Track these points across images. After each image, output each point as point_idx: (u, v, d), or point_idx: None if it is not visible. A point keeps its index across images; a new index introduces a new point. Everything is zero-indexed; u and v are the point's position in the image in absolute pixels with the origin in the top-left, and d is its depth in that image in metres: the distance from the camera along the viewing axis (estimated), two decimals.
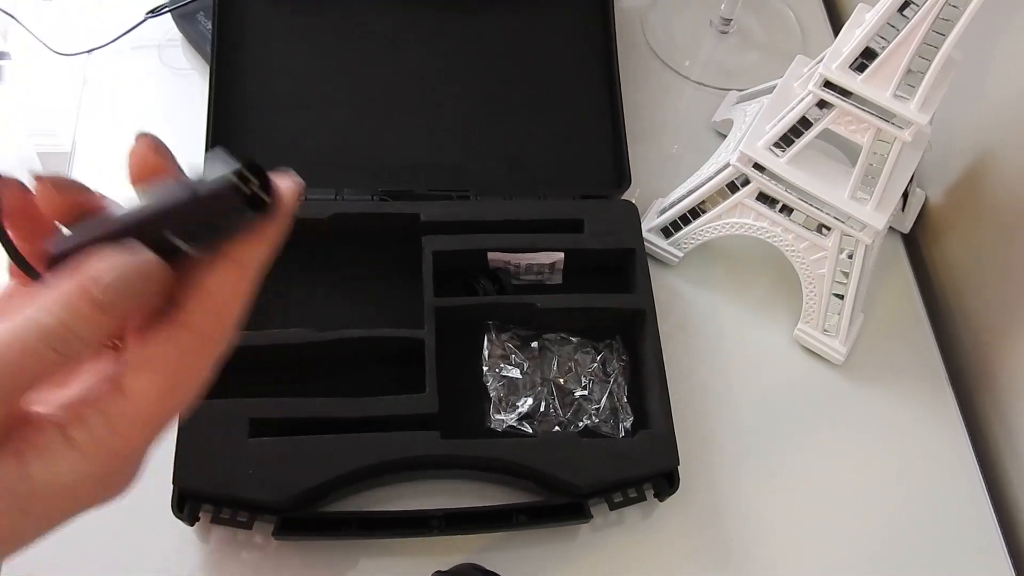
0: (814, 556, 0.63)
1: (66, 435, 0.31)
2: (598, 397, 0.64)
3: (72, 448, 0.31)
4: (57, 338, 0.30)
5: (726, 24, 0.86)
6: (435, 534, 0.57)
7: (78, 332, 0.31)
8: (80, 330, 0.31)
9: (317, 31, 0.75)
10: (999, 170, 0.71)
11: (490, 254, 0.66)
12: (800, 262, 0.67)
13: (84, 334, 0.31)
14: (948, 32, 0.54)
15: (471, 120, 0.73)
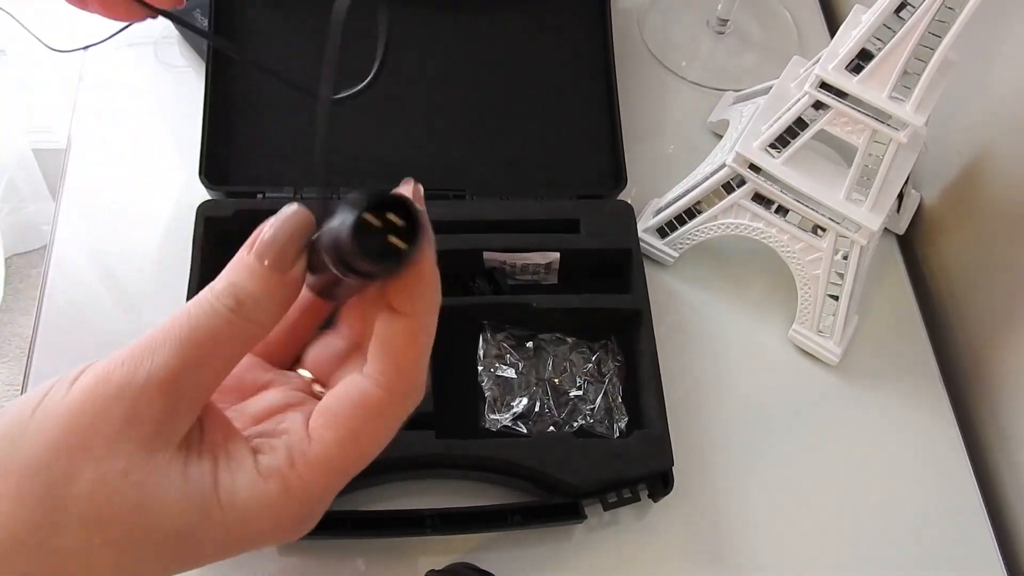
0: (808, 557, 0.63)
1: (254, 455, 0.33)
2: (593, 397, 0.64)
3: (257, 469, 0.33)
4: (231, 296, 0.32)
5: (723, 25, 0.87)
6: (429, 533, 0.57)
7: (250, 290, 0.33)
8: (251, 287, 0.33)
9: (313, 30, 0.74)
10: (995, 172, 0.72)
11: (486, 254, 0.66)
12: (795, 263, 0.68)
13: (255, 291, 0.33)
14: (944, 34, 0.54)
15: (467, 119, 0.73)
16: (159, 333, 0.32)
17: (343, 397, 0.34)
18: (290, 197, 0.68)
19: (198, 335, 0.31)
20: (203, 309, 0.32)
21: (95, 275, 0.70)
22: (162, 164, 0.75)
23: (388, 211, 0.31)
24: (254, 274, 0.33)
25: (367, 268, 0.31)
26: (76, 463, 0.30)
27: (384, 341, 0.34)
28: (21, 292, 1.64)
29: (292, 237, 0.34)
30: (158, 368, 0.31)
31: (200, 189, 0.68)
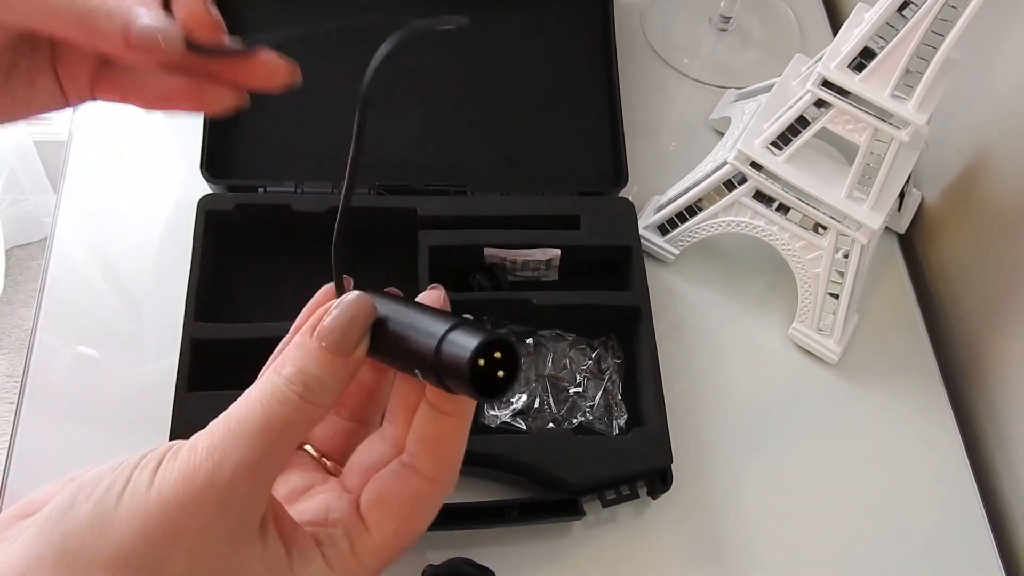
0: (806, 554, 0.63)
1: (318, 544, 0.35)
2: (592, 394, 0.64)
3: (324, 560, 0.35)
4: (301, 383, 0.34)
5: (725, 22, 0.86)
6: (428, 529, 0.57)
7: (316, 374, 0.34)
8: (317, 372, 0.34)
9: (317, 22, 0.74)
10: (996, 171, 0.72)
11: (486, 250, 0.66)
12: (796, 261, 0.68)
13: (322, 376, 0.34)
14: (947, 32, 0.54)
15: (469, 115, 0.73)
16: (236, 424, 0.33)
17: (397, 491, 0.37)
18: (291, 191, 0.68)
19: (274, 424, 0.33)
20: (276, 397, 0.34)
21: (95, 267, 0.70)
22: (163, 157, 0.75)
23: (496, 350, 0.34)
24: (321, 360, 0.34)
25: (462, 391, 0.34)
26: (167, 551, 0.31)
27: (433, 439, 0.37)
28: (21, 284, 1.64)
29: (356, 323, 0.35)
30: (242, 460, 0.32)
31: (201, 182, 0.68)
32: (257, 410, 0.33)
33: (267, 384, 0.34)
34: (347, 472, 0.40)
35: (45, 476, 0.60)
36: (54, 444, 0.62)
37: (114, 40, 0.36)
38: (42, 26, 0.37)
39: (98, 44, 0.37)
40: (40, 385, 0.64)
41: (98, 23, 0.36)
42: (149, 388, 0.62)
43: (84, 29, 0.36)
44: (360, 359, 0.36)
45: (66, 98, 0.43)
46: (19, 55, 0.41)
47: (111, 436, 0.62)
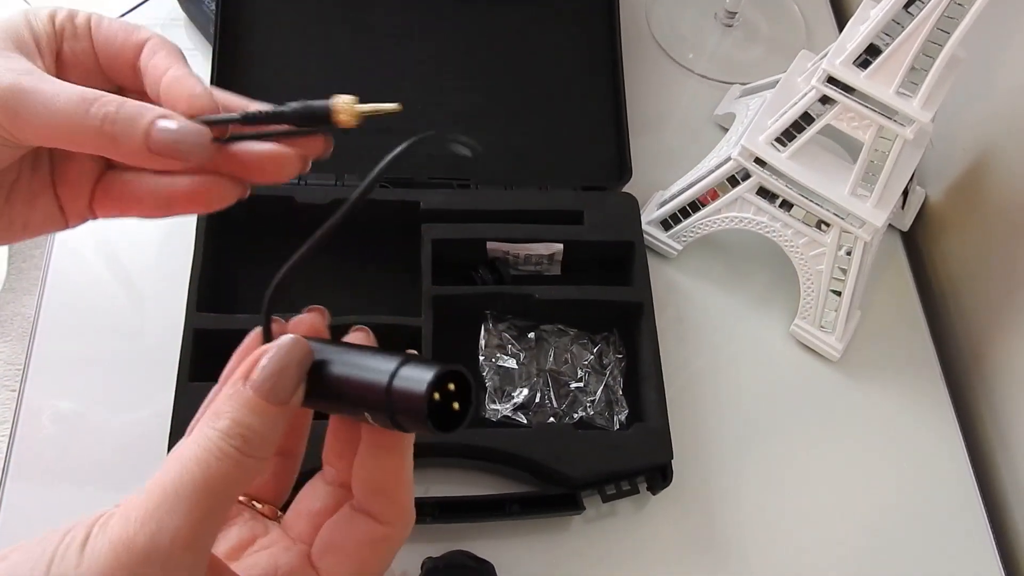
0: (806, 550, 0.63)
1: None
2: (594, 389, 0.64)
3: None
4: (238, 436, 0.32)
5: (731, 17, 0.86)
6: (428, 522, 0.57)
7: (253, 425, 0.32)
8: (254, 423, 0.32)
9: (322, 14, 0.74)
10: (1000, 170, 0.71)
11: (489, 244, 0.66)
12: (798, 258, 0.67)
13: (260, 427, 0.32)
14: (953, 30, 0.54)
15: (474, 109, 0.73)
16: (172, 487, 0.31)
17: (350, 536, 0.36)
18: (294, 183, 0.68)
19: (213, 483, 0.31)
20: (212, 454, 0.31)
21: (98, 256, 0.70)
22: None
23: (450, 381, 0.32)
24: (257, 410, 0.32)
25: (417, 428, 0.32)
26: None
27: (381, 481, 0.36)
28: (24, 272, 1.64)
29: (290, 370, 0.33)
30: (181, 527, 0.30)
31: None
32: (193, 470, 0.31)
33: (202, 440, 0.32)
34: (293, 519, 0.39)
35: (46, 465, 0.61)
36: (56, 431, 0.62)
37: (136, 149, 0.36)
38: (59, 141, 0.37)
39: (119, 155, 0.36)
40: (42, 373, 0.64)
41: (118, 133, 0.35)
42: (151, 377, 0.62)
43: (104, 140, 0.35)
44: (297, 405, 0.34)
45: (65, 219, 0.42)
46: (22, 173, 0.40)
47: (114, 424, 0.62)
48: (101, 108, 0.35)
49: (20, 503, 0.59)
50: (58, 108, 0.35)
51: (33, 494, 0.60)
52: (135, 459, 0.59)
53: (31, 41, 0.38)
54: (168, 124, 0.36)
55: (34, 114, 0.35)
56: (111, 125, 0.35)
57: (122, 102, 0.36)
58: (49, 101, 0.35)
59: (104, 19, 0.41)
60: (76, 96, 0.35)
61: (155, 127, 0.35)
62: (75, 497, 0.59)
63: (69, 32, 0.40)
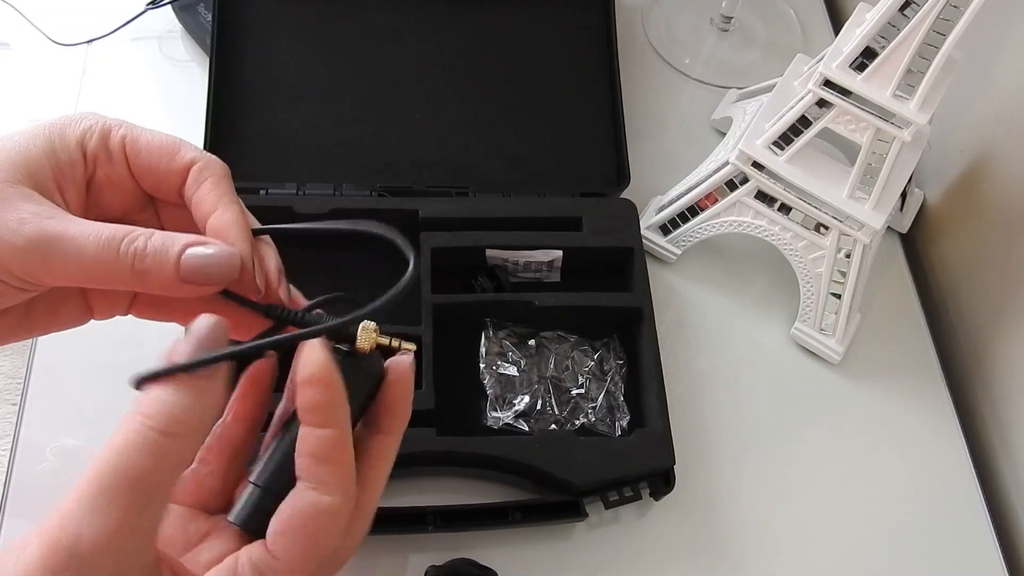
0: (809, 555, 0.63)
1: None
2: (595, 395, 0.64)
3: None
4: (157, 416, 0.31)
5: (727, 22, 0.86)
6: (431, 531, 0.57)
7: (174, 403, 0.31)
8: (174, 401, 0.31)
9: (318, 25, 0.74)
10: (998, 171, 0.71)
11: (488, 251, 0.66)
12: (798, 261, 0.67)
13: (180, 404, 0.31)
14: (949, 32, 0.54)
15: (471, 117, 0.73)
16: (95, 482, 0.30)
17: (295, 509, 0.34)
18: (292, 193, 0.68)
19: (135, 473, 0.30)
20: (133, 442, 0.30)
21: None
22: None
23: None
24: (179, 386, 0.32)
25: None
26: None
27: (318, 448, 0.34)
28: None
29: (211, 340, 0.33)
30: (105, 524, 0.29)
31: None
32: (114, 460, 0.30)
33: (122, 428, 0.31)
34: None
35: (48, 476, 0.60)
36: (58, 441, 0.62)
37: (167, 282, 0.35)
38: (88, 283, 0.36)
39: (150, 290, 0.36)
40: (42, 386, 0.64)
41: (148, 269, 0.35)
42: None
43: (135, 278, 0.35)
44: (220, 382, 0.33)
45: (92, 314, 0.42)
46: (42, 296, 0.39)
47: None
48: (130, 246, 0.35)
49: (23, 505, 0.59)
50: (86, 253, 0.34)
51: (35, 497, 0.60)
52: None
53: (51, 176, 0.37)
54: (198, 251, 0.35)
55: (60, 261, 0.35)
56: (140, 263, 0.35)
57: (149, 235, 0.35)
58: (76, 247, 0.34)
59: (142, 138, 0.39)
60: (103, 239, 0.35)
61: (185, 256, 0.35)
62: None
63: (103, 159, 0.38)
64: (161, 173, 0.39)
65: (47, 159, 0.37)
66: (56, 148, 0.37)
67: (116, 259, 0.35)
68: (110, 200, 0.38)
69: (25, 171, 0.36)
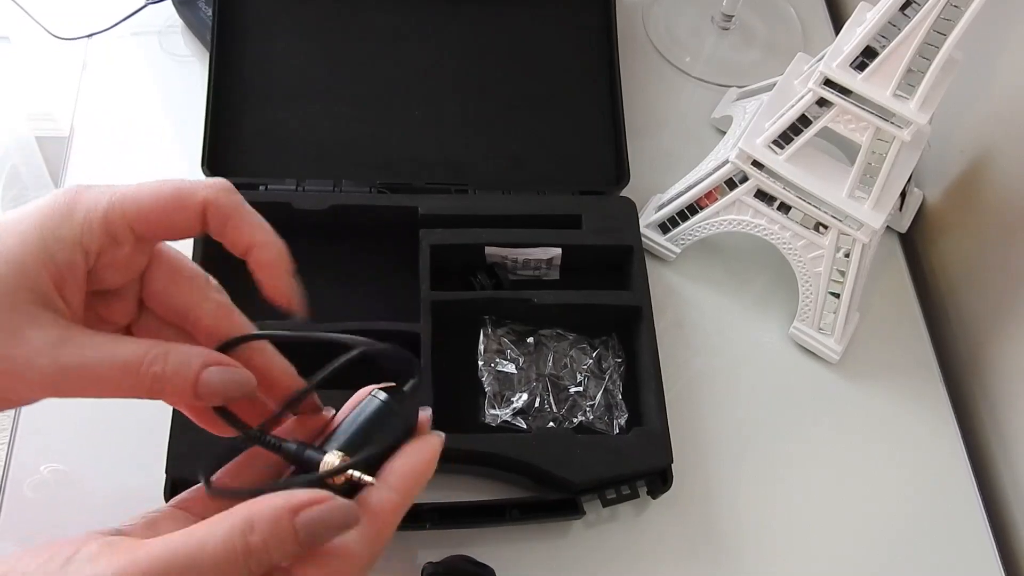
0: (806, 554, 0.63)
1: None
2: (593, 393, 0.64)
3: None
4: (257, 558, 0.32)
5: (727, 21, 0.86)
6: (428, 528, 0.57)
7: (274, 555, 0.33)
8: (276, 554, 0.33)
9: (319, 21, 0.74)
10: (997, 171, 0.71)
11: (488, 249, 0.66)
12: (797, 260, 0.67)
13: (276, 558, 0.33)
14: (949, 32, 0.54)
15: (471, 114, 0.73)
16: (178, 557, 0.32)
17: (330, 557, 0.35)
18: (292, 189, 0.68)
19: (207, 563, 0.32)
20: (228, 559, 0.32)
21: None
22: (164, 154, 0.75)
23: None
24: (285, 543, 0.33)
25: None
26: None
27: (372, 508, 0.36)
28: None
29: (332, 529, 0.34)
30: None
31: (202, 178, 0.68)
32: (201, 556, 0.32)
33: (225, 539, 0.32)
34: None
35: (44, 479, 0.60)
36: (53, 445, 0.62)
37: (185, 398, 0.36)
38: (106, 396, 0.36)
39: (165, 400, 0.37)
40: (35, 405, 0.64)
41: (166, 389, 0.36)
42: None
43: (152, 395, 0.36)
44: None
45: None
46: None
47: (112, 440, 0.62)
48: (149, 368, 0.35)
49: (21, 509, 0.59)
50: (105, 380, 0.35)
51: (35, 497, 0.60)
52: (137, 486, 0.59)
53: (50, 283, 0.36)
54: (214, 375, 0.36)
55: (80, 389, 0.35)
56: (158, 383, 0.35)
57: (165, 354, 0.36)
58: (95, 376, 0.35)
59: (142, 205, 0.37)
60: (121, 363, 0.35)
61: (203, 377, 0.36)
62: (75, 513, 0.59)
63: (107, 245, 0.37)
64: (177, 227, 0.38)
65: (45, 268, 0.35)
66: (53, 252, 0.35)
67: (136, 382, 0.35)
68: (111, 279, 0.38)
69: (24, 286, 0.35)
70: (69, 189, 0.37)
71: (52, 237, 0.35)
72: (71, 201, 0.36)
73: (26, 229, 0.35)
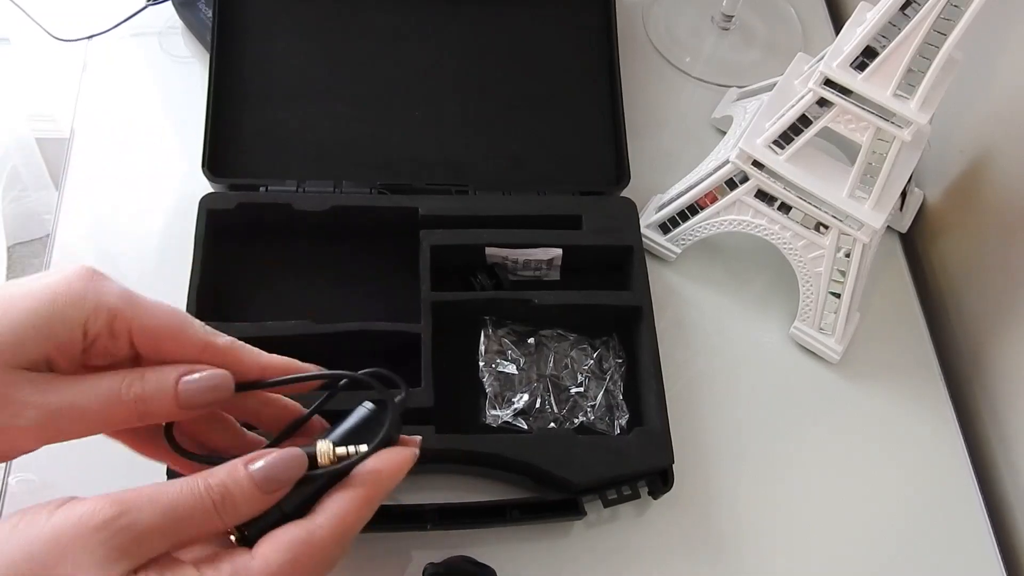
0: (807, 554, 0.63)
1: (200, 571, 0.36)
2: (594, 394, 0.64)
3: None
4: (222, 501, 0.36)
5: (727, 21, 0.86)
6: (429, 528, 0.57)
7: (237, 501, 0.37)
8: (237, 495, 0.37)
9: (319, 21, 0.74)
10: (997, 171, 0.71)
11: (488, 249, 0.66)
12: (797, 260, 0.67)
13: (240, 504, 0.37)
14: (949, 32, 0.54)
15: (471, 114, 0.73)
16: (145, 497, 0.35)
17: (291, 530, 0.38)
18: (292, 191, 0.68)
19: (179, 511, 0.35)
20: (191, 492, 0.36)
21: (97, 265, 0.69)
22: (165, 155, 0.75)
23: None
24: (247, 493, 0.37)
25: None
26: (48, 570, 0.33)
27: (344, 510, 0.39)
28: None
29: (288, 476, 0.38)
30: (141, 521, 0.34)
31: (202, 180, 0.68)
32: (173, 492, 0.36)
33: (188, 481, 0.36)
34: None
35: (45, 479, 0.60)
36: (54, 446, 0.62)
37: (168, 410, 0.39)
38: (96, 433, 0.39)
39: (154, 421, 0.40)
40: None
41: (150, 409, 0.38)
42: None
43: (140, 418, 0.38)
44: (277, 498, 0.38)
45: None
46: None
47: None
48: (129, 390, 0.38)
49: None
50: (91, 412, 0.38)
51: None
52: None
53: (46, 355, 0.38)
54: (191, 379, 0.39)
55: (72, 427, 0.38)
56: (143, 404, 0.38)
57: (142, 376, 0.38)
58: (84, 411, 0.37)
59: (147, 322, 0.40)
60: (104, 392, 0.38)
61: (180, 386, 0.39)
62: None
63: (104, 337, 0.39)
64: (165, 352, 0.40)
65: (46, 342, 0.38)
66: (57, 331, 0.38)
67: (123, 408, 0.38)
68: (101, 358, 0.40)
69: (20, 354, 0.37)
70: (83, 273, 0.39)
71: (59, 319, 0.38)
72: (84, 289, 0.39)
73: (32, 307, 0.37)
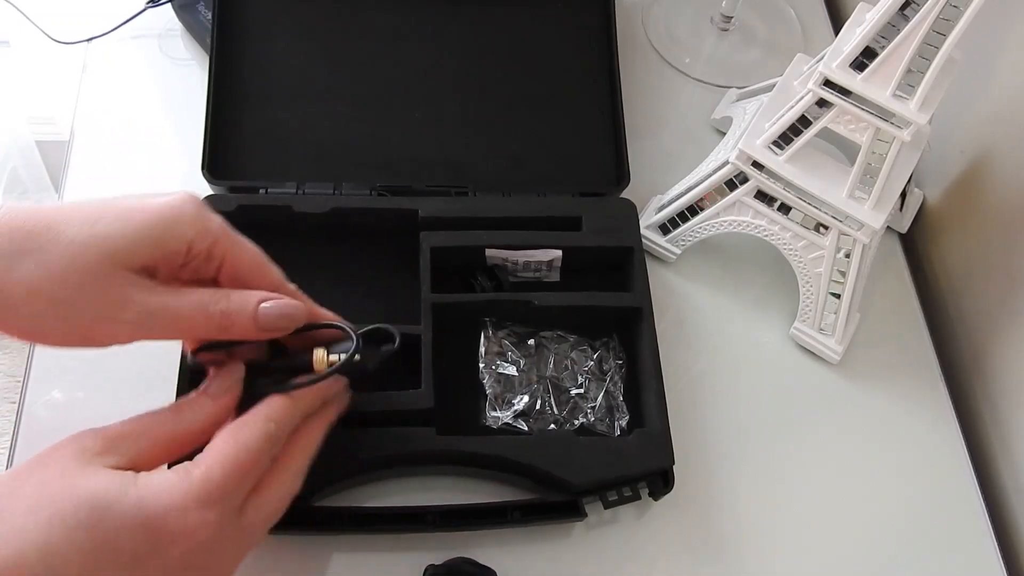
0: (808, 555, 0.63)
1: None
2: (594, 395, 0.64)
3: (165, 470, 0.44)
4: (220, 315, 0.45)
5: (727, 21, 0.86)
6: (430, 530, 0.57)
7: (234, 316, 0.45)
8: (235, 315, 0.45)
9: (318, 22, 0.74)
10: (997, 171, 0.71)
11: (488, 251, 0.66)
12: (797, 261, 0.67)
13: (237, 320, 0.45)
14: (949, 32, 0.54)
15: (471, 114, 0.73)
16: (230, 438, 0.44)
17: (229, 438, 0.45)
18: (292, 192, 0.68)
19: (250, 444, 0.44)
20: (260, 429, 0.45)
21: None
22: (164, 157, 0.75)
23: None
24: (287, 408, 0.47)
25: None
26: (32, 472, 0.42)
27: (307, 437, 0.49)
28: None
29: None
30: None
31: (202, 182, 0.68)
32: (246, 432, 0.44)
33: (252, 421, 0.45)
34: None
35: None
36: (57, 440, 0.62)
37: (247, 330, 0.46)
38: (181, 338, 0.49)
39: (232, 337, 0.46)
40: (42, 386, 0.64)
41: (232, 323, 0.45)
42: (152, 385, 0.61)
43: (222, 332, 0.45)
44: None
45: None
46: None
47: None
48: (216, 306, 0.45)
49: None
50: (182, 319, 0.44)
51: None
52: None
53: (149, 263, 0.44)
54: (271, 307, 0.46)
55: (162, 330, 0.44)
56: (226, 319, 0.45)
57: (228, 295, 0.45)
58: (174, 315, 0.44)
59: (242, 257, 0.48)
60: (194, 304, 0.44)
61: (260, 310, 0.46)
62: None
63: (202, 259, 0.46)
64: (247, 281, 0.47)
65: (156, 251, 0.44)
66: (168, 244, 0.44)
67: (207, 319, 0.44)
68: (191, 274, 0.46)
69: (133, 258, 0.43)
70: (195, 199, 0.46)
71: (172, 233, 0.44)
72: (197, 212, 0.46)
73: (149, 219, 0.44)
